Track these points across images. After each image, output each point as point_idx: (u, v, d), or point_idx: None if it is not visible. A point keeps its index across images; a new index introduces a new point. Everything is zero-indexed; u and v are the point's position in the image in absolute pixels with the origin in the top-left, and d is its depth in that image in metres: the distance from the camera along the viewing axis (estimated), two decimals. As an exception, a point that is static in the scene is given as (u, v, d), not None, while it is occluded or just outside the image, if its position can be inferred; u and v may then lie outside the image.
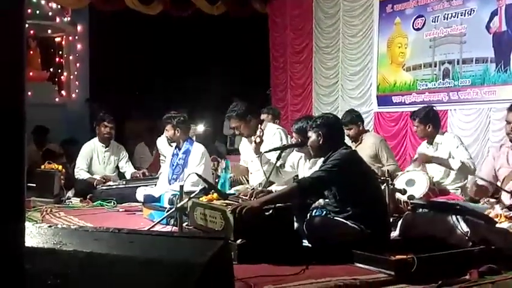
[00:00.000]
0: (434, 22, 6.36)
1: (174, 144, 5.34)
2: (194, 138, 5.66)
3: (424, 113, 4.78)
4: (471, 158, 4.62)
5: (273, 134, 4.84)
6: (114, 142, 6.20)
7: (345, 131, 5.31)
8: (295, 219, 3.45)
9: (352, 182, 3.33)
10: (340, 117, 4.75)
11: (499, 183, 3.77)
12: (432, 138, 4.75)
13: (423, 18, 6.50)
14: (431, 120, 4.75)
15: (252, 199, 3.47)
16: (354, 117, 5.30)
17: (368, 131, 5.67)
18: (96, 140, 6.12)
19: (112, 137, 6.11)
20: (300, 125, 4.11)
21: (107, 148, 6.07)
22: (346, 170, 3.31)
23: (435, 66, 6.35)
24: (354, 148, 5.13)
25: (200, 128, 5.76)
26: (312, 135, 3.51)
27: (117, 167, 6.19)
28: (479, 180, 3.84)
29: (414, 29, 6.63)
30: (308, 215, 3.57)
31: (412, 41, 6.65)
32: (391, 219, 3.99)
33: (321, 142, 3.46)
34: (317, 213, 3.59)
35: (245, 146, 5.10)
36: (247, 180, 5.08)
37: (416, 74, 6.60)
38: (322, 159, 3.55)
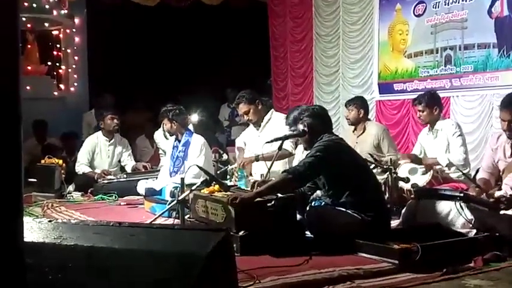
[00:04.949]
0: (435, 8, 6.30)
1: (170, 138, 5.32)
2: (193, 129, 5.64)
3: (430, 97, 4.73)
4: (465, 148, 4.57)
5: (279, 121, 4.79)
6: (118, 135, 6.19)
7: (346, 113, 5.42)
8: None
9: (339, 169, 3.34)
10: None
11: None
12: (435, 123, 4.71)
13: (424, 4, 6.44)
14: (437, 103, 4.72)
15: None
16: (356, 101, 5.28)
17: (369, 119, 5.64)
18: (99, 133, 6.10)
19: (119, 128, 6.12)
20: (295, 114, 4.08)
21: (111, 141, 6.06)
22: (331, 155, 3.34)
23: (437, 52, 6.30)
24: (356, 137, 5.17)
25: (194, 117, 5.74)
26: (300, 128, 3.57)
27: (119, 161, 6.18)
28: (478, 179, 3.82)
29: (415, 15, 6.57)
30: (308, 206, 3.56)
31: (413, 28, 6.59)
32: (394, 208, 4.00)
33: (307, 133, 3.52)
34: (316, 204, 3.59)
35: (251, 135, 5.09)
36: (250, 173, 5.05)
37: (418, 60, 6.55)
38: None
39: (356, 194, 3.30)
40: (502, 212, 3.26)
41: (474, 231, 3.28)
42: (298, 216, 3.47)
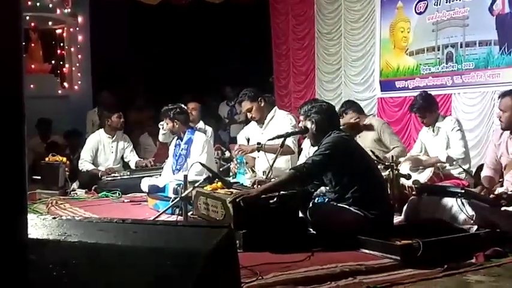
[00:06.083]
0: (437, 5, 6.29)
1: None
2: (198, 126, 5.67)
3: (425, 101, 4.73)
4: (464, 142, 4.58)
5: (283, 118, 4.92)
6: (119, 132, 6.22)
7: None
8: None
9: (347, 165, 3.35)
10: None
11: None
12: (436, 121, 4.73)
13: (425, 1, 6.43)
14: (434, 103, 4.75)
15: (256, 187, 3.47)
16: (344, 109, 5.28)
17: (370, 116, 5.65)
18: (101, 131, 6.15)
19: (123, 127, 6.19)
20: (306, 108, 4.11)
21: (114, 138, 6.10)
22: (339, 152, 3.35)
23: (438, 50, 6.29)
24: (357, 134, 5.18)
25: (191, 105, 5.75)
26: (307, 124, 3.58)
27: (122, 157, 6.22)
28: (483, 177, 3.82)
29: (417, 13, 6.56)
30: (311, 203, 3.57)
31: (414, 25, 6.58)
32: (395, 205, 4.01)
33: (315, 130, 3.53)
34: (319, 201, 3.60)
35: (254, 132, 5.13)
36: (252, 170, 5.08)
37: (420, 58, 6.55)
38: None
39: (362, 190, 3.32)
40: (503, 208, 3.27)
41: (475, 227, 3.29)
42: (300, 213, 3.48)
